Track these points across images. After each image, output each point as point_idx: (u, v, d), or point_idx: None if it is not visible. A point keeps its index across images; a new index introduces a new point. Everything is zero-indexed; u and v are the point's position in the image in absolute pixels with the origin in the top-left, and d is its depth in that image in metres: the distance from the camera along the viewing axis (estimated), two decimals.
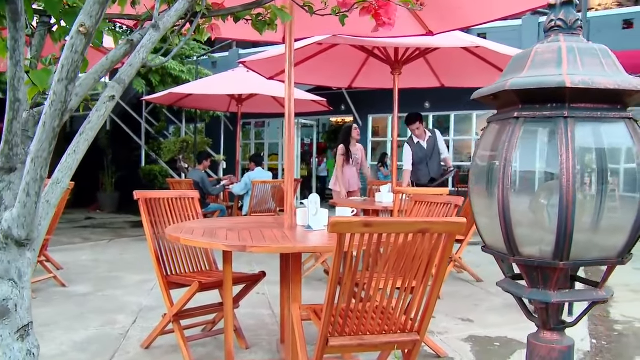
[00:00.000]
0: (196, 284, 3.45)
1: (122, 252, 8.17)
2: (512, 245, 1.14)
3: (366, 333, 2.57)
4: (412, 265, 2.51)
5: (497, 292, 5.63)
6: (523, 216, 1.12)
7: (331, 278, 2.36)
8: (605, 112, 1.11)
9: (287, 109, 3.48)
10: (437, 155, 7.67)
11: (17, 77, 1.16)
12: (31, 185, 1.16)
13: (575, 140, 1.07)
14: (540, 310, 1.17)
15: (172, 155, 12.93)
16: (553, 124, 1.10)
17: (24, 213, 1.18)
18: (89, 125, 1.24)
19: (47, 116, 1.14)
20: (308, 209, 3.46)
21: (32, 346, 1.26)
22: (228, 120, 16.73)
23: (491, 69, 6.91)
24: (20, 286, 1.23)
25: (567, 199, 1.03)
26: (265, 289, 5.47)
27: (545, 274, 1.13)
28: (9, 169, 1.27)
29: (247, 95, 10.14)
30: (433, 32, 4.90)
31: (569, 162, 1.04)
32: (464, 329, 4.40)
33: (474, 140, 15.47)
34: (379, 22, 1.69)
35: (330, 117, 18.80)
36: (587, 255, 1.11)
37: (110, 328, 4.29)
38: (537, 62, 1.14)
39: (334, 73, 7.93)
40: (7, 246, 1.22)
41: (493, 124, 1.26)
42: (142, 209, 3.79)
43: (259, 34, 5.58)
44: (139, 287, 5.75)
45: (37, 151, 1.15)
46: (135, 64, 1.29)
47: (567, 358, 1.14)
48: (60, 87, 1.13)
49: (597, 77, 1.06)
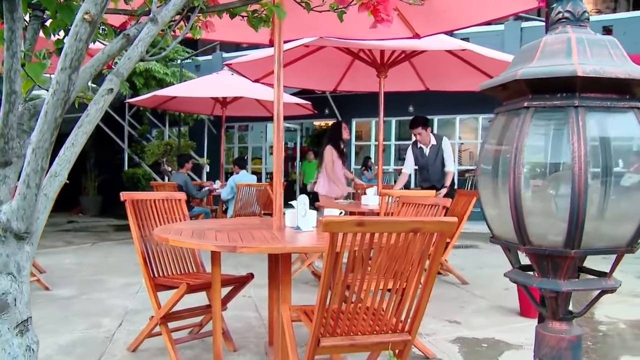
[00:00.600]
0: (184, 285, 3.42)
1: (106, 255, 8.08)
2: (522, 235, 1.14)
3: (357, 333, 2.56)
4: (404, 266, 2.51)
5: (482, 295, 5.66)
6: (534, 205, 1.13)
7: (323, 278, 2.35)
8: (615, 101, 1.12)
9: (276, 110, 3.47)
10: (439, 164, 7.18)
11: (13, 69, 1.14)
12: (31, 176, 1.14)
13: (587, 129, 1.08)
14: (550, 299, 1.18)
15: (155, 158, 12.84)
16: (564, 114, 1.11)
17: (23, 205, 1.16)
18: (87, 118, 1.22)
19: (49, 105, 1.12)
20: (297, 210, 3.45)
21: (32, 341, 1.23)
22: (211, 123, 16.67)
23: (475, 72, 6.97)
24: (19, 280, 1.21)
25: (579, 187, 1.04)
26: (251, 292, 5.44)
27: (556, 263, 1.14)
28: (4, 162, 1.24)
29: (231, 98, 10.11)
30: (420, 34, 4.93)
31: (580, 151, 1.05)
32: (452, 330, 4.41)
33: (457, 144, 15.59)
34: (378, 19, 1.69)
35: (314, 121, 18.82)
36: (597, 243, 1.12)
37: (96, 331, 4.24)
38: (547, 52, 1.15)
39: (320, 76, 7.93)
40: (6, 239, 1.19)
41: (501, 116, 1.26)
42: (129, 210, 3.75)
43: (245, 36, 5.57)
44: (124, 290, 5.68)
45: (38, 142, 1.12)
46: (134, 57, 1.28)
47: (576, 347, 1.15)
48: (64, 76, 1.11)
49: (607, 67, 1.07)
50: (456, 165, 15.65)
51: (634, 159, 1.12)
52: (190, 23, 1.50)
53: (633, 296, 5.71)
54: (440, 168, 7.14)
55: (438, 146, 7.14)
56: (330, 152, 7.29)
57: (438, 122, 15.43)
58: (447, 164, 7.11)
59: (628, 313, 4.96)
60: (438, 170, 7.16)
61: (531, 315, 4.76)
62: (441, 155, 7.14)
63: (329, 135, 7.56)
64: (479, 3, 4.29)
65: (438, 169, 7.16)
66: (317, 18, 4.96)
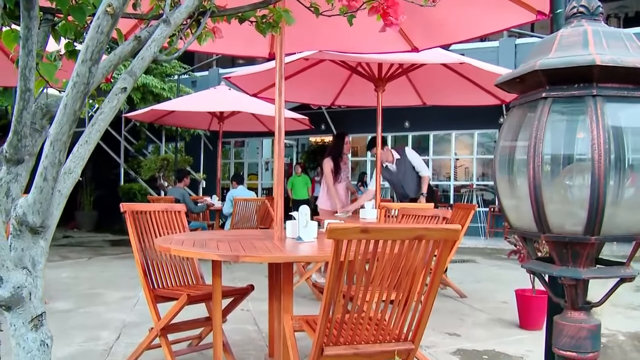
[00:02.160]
0: (184, 296, 3.40)
1: (103, 269, 8.04)
2: (542, 223, 1.15)
3: (361, 342, 2.55)
4: (407, 275, 2.50)
5: (481, 308, 5.66)
6: (554, 193, 1.15)
7: (327, 287, 2.35)
8: (632, 91, 1.15)
9: (277, 121, 3.48)
10: (411, 175, 7.02)
11: (28, 66, 1.14)
12: (49, 169, 1.14)
13: (605, 117, 1.10)
14: (569, 288, 1.18)
15: (152, 173, 12.83)
16: (582, 103, 1.14)
17: (40, 199, 1.16)
18: (101, 116, 1.23)
19: (68, 98, 1.12)
20: (298, 220, 3.45)
21: (46, 337, 1.22)
22: (208, 139, 16.69)
23: (472, 87, 7.02)
24: (34, 275, 1.20)
25: (598, 174, 1.06)
26: (249, 306, 5.42)
27: (575, 251, 1.15)
28: (16, 160, 1.24)
29: (228, 112, 10.13)
30: (418, 48, 4.97)
31: (599, 138, 1.07)
32: (452, 342, 4.40)
33: (452, 160, 15.66)
34: (387, 22, 1.70)
35: (310, 136, 18.87)
36: (616, 230, 1.15)
37: (94, 344, 4.20)
38: (564, 44, 1.17)
39: (317, 90, 7.95)
40: (21, 233, 1.19)
41: (516, 110, 1.28)
42: (129, 222, 3.74)
43: (245, 50, 5.59)
44: (122, 303, 5.65)
45: (56, 134, 1.13)
46: (147, 57, 1.29)
47: (595, 336, 1.16)
48: (84, 68, 1.11)
49: (624, 57, 1.10)
50: (452, 181, 15.72)
51: None
52: (202, 25, 1.52)
53: (631, 309, 5.72)
54: (416, 179, 7.01)
55: (403, 158, 7.00)
56: (328, 164, 7.11)
57: (434, 138, 15.52)
58: (420, 171, 6.99)
59: (627, 325, 4.96)
60: (413, 182, 7.02)
61: (531, 328, 4.75)
62: (409, 165, 6.99)
63: (331, 146, 7.40)
64: (477, 16, 4.34)
65: (413, 181, 7.03)
66: (316, 31, 5.02)
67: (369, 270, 2.41)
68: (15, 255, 1.19)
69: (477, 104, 7.77)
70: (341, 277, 2.37)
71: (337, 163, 7.15)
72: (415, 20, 4.58)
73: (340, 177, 7.20)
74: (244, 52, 5.56)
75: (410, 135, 15.73)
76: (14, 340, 1.20)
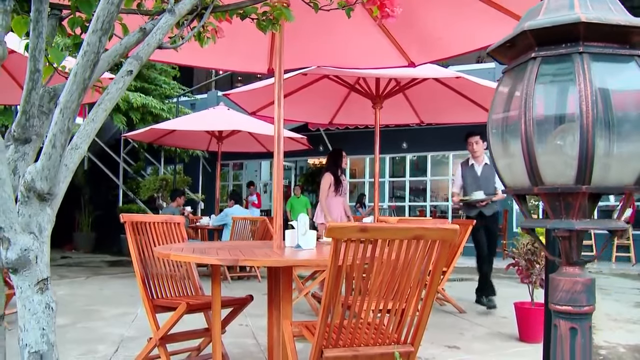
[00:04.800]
0: (184, 304, 3.41)
1: (101, 287, 8.01)
2: (535, 176, 1.20)
3: (360, 345, 2.56)
4: (407, 277, 2.52)
5: (480, 323, 5.64)
6: (546, 145, 1.20)
7: (326, 289, 2.37)
8: (617, 49, 1.21)
9: (276, 130, 3.53)
10: (490, 187, 6.28)
11: (38, 48, 1.18)
12: (58, 136, 1.17)
13: (591, 72, 1.16)
14: (564, 241, 1.21)
15: (150, 194, 12.84)
16: (569, 61, 1.19)
17: (48, 165, 1.18)
18: (107, 96, 1.27)
19: (78, 66, 1.16)
20: (297, 228, 3.47)
21: (50, 300, 1.24)
22: (206, 161, 16.76)
23: (469, 104, 7.09)
24: (40, 240, 1.23)
25: (587, 125, 1.12)
26: (248, 321, 5.41)
27: (567, 202, 1.20)
28: (24, 139, 1.28)
29: (227, 132, 10.21)
30: (415, 63, 5.04)
31: (587, 91, 1.13)
32: (451, 355, 4.38)
33: (449, 180, 15.72)
34: (384, 14, 1.75)
35: (308, 158, 18.94)
36: (606, 180, 1.19)
37: (92, 356, 4.18)
38: (551, 8, 1.24)
39: (315, 109, 8.02)
40: (29, 199, 1.22)
41: (507, 75, 1.36)
42: (128, 232, 3.75)
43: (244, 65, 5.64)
44: (119, 319, 5.63)
45: (66, 102, 1.16)
46: (153, 43, 1.33)
47: (590, 290, 1.18)
48: (95, 37, 1.16)
49: (608, 15, 1.17)
50: (450, 202, 15.76)
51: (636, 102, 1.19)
52: (206, 16, 1.56)
53: (631, 323, 5.72)
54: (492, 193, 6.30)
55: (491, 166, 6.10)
56: (328, 179, 6.96)
57: (431, 159, 15.59)
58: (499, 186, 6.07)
59: (627, 338, 4.96)
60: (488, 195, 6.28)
61: (530, 340, 4.74)
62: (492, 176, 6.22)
63: (329, 161, 7.26)
64: (472, 30, 4.41)
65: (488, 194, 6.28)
66: (314, 48, 5.10)
67: (367, 271, 2.42)
68: (23, 221, 1.21)
69: (474, 121, 7.83)
70: (340, 280, 2.38)
71: (337, 177, 7.02)
72: (412, 35, 4.66)
73: (341, 190, 7.04)
74: (243, 67, 5.64)
75: (408, 157, 15.81)
76: (20, 303, 1.22)
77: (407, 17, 4.29)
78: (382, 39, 4.75)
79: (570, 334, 1.23)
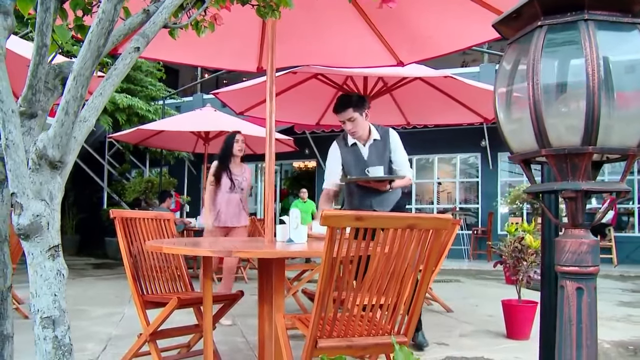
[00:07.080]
0: (175, 299, 3.39)
1: (86, 289, 7.93)
2: (543, 138, 1.24)
3: (354, 335, 2.58)
4: (401, 266, 2.53)
5: (468, 321, 5.68)
6: (552, 108, 1.25)
7: (320, 280, 2.37)
8: (620, 17, 1.26)
9: (268, 125, 3.54)
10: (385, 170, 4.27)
11: (45, 22, 1.19)
12: (70, 103, 1.17)
13: (597, 38, 1.21)
14: (570, 203, 1.24)
15: (136, 195, 12.76)
16: (575, 28, 1.24)
17: (60, 132, 1.18)
18: (115, 71, 1.27)
19: (93, 34, 1.16)
20: (289, 223, 3.47)
21: (62, 267, 1.24)
22: (191, 163, 16.70)
23: (456, 105, 7.14)
24: (51, 207, 1.23)
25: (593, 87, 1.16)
26: (237, 321, 5.40)
27: (574, 164, 1.24)
28: (30, 114, 1.28)
29: (214, 133, 10.18)
30: (403, 62, 5.08)
31: (592, 55, 1.18)
32: (440, 351, 4.41)
33: (435, 184, 15.83)
34: None
35: (294, 161, 18.95)
36: (611, 141, 1.23)
37: (80, 354, 4.14)
38: None
39: (303, 110, 8.01)
40: (40, 167, 1.22)
41: (513, 45, 1.40)
42: (118, 228, 3.74)
43: (234, 64, 5.64)
44: (106, 319, 5.58)
45: (80, 69, 1.17)
46: (159, 21, 1.34)
47: (595, 251, 1.22)
48: (110, 5, 1.16)
49: None
50: (435, 205, 15.86)
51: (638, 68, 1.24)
52: (206, 4, 1.58)
53: (614, 320, 5.81)
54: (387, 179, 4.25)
55: (385, 142, 4.37)
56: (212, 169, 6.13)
57: (416, 163, 15.66)
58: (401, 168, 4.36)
59: (611, 335, 5.02)
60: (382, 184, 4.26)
61: (518, 337, 4.79)
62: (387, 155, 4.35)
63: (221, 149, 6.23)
64: (461, 29, 4.46)
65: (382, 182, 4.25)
66: (304, 47, 5.11)
67: (361, 263, 2.44)
68: (34, 188, 1.21)
69: (461, 122, 7.90)
70: (334, 271, 2.40)
71: (227, 166, 5.95)
72: (401, 34, 4.70)
73: (234, 186, 5.93)
74: (232, 66, 5.64)
75: None
76: (32, 269, 1.22)
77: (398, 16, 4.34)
78: (373, 39, 4.77)
79: (577, 294, 1.26)
